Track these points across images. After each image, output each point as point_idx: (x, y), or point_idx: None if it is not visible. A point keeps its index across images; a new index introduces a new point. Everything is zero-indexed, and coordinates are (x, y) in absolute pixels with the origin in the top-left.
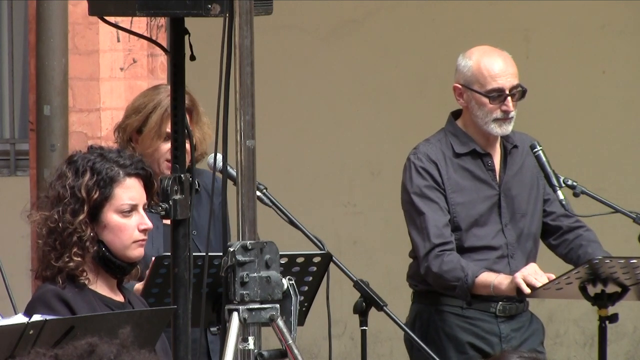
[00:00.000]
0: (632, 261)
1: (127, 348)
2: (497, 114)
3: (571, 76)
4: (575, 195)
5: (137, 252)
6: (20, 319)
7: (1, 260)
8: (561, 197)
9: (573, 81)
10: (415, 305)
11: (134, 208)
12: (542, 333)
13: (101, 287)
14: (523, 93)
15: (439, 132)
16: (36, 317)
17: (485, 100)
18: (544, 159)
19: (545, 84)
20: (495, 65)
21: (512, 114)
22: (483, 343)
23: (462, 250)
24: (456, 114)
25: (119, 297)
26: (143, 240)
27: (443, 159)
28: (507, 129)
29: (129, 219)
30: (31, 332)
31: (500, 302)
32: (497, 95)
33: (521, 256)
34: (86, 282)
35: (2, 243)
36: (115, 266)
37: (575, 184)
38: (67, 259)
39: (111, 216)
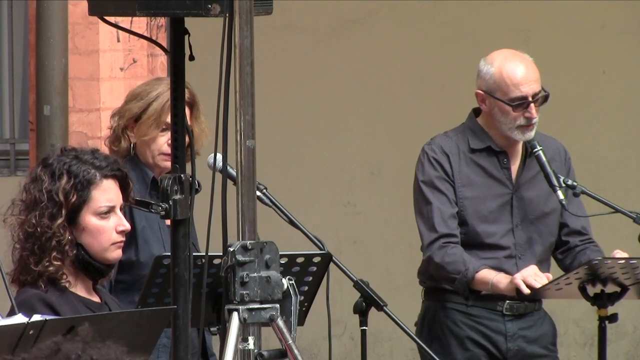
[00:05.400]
0: (631, 262)
1: (89, 344)
2: (521, 120)
3: (571, 76)
4: (575, 195)
5: (115, 254)
6: (20, 319)
7: (1, 261)
8: (561, 197)
9: (573, 81)
10: (425, 303)
11: (111, 210)
12: (553, 335)
13: (80, 289)
14: (545, 98)
15: (460, 126)
16: (36, 317)
17: (509, 108)
18: (543, 159)
19: (545, 84)
20: (518, 72)
21: (535, 120)
22: (487, 341)
23: (470, 246)
24: (477, 110)
25: (96, 298)
26: (121, 242)
27: (457, 152)
28: (530, 134)
29: (107, 221)
30: (31, 332)
31: (507, 301)
32: (520, 103)
33: (531, 259)
34: (67, 285)
35: (2, 243)
36: (94, 269)
37: (575, 184)
38: (47, 264)
39: (89, 219)
